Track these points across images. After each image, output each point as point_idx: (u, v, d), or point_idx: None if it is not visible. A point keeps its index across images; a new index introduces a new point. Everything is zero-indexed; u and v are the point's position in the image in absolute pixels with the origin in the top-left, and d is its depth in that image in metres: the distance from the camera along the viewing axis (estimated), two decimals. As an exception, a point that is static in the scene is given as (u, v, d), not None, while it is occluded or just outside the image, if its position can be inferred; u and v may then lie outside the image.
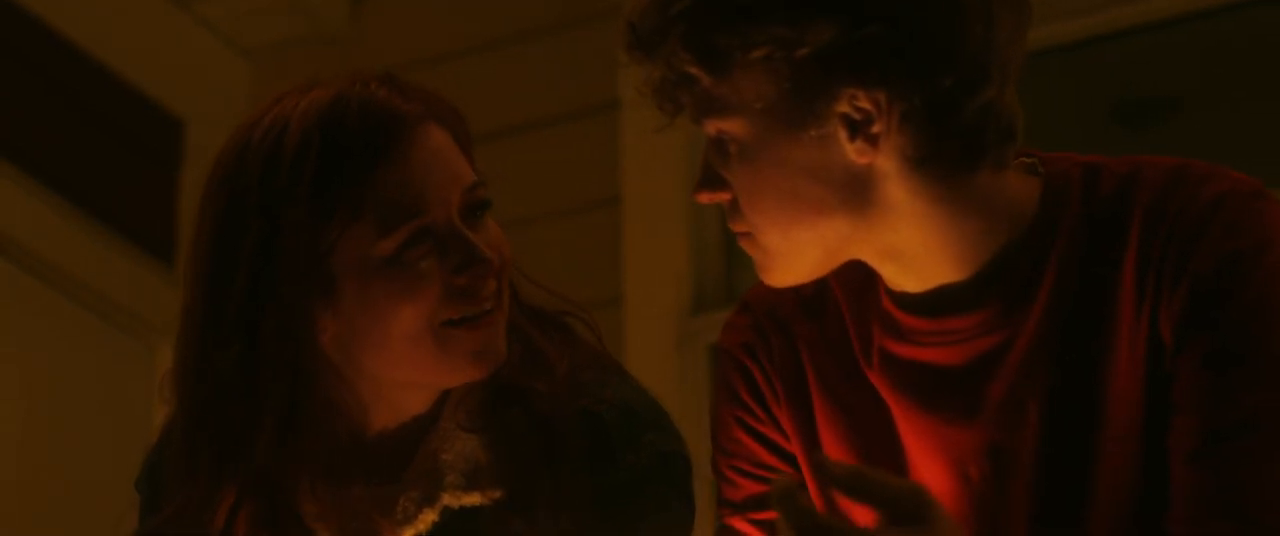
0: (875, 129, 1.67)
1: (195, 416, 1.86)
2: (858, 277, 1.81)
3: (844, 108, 1.67)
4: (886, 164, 1.69)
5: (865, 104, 1.66)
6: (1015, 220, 1.74)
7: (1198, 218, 1.68)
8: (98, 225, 4.02)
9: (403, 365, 1.86)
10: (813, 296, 1.84)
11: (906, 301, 1.77)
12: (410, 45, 4.15)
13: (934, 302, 1.75)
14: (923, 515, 1.47)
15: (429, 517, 1.88)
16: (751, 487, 1.85)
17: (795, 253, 1.73)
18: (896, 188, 1.70)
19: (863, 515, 1.56)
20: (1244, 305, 1.65)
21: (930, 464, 1.76)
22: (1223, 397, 1.64)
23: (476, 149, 1.94)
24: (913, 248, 1.73)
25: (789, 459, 1.83)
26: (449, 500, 1.88)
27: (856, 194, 1.70)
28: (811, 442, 1.82)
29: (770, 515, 1.79)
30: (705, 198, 1.75)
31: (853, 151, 1.68)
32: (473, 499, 1.87)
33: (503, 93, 4.07)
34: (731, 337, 1.88)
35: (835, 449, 1.81)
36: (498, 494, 1.86)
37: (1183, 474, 1.65)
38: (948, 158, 1.69)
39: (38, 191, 3.91)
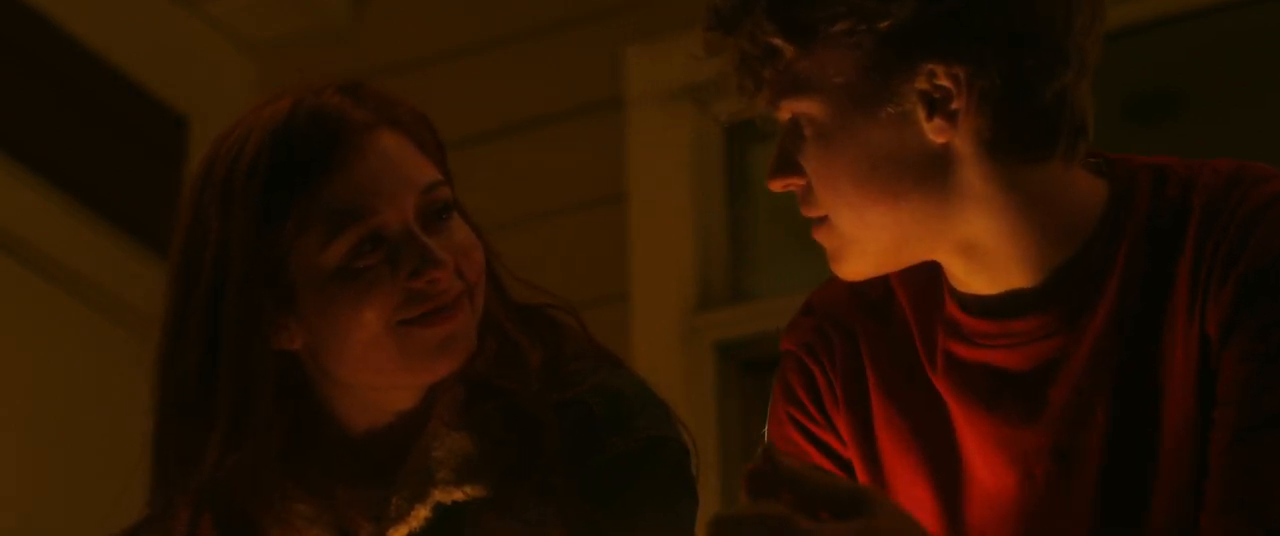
0: (954, 106, 1.68)
1: (159, 425, 1.90)
2: (922, 281, 1.81)
3: (923, 84, 1.68)
4: (963, 146, 1.70)
5: (944, 81, 1.68)
6: (1083, 221, 1.74)
7: (1251, 216, 1.69)
8: (101, 221, 4.02)
9: (367, 369, 1.88)
10: (877, 299, 1.84)
11: (971, 304, 1.77)
12: (414, 41, 4.15)
13: (999, 305, 1.76)
14: (862, 510, 1.47)
15: (422, 514, 1.89)
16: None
17: (869, 238, 1.73)
18: (971, 172, 1.71)
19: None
20: None
21: (992, 465, 1.76)
22: (1259, 392, 1.64)
23: (481, 146, 1.94)
24: (985, 241, 1.73)
25: (844, 464, 1.84)
26: (441, 496, 1.88)
27: (932, 177, 1.70)
28: (868, 446, 1.82)
29: None
30: (779, 185, 1.75)
31: (931, 130, 1.69)
32: (463, 494, 1.87)
33: (508, 89, 4.06)
34: (794, 338, 1.88)
35: (894, 452, 1.81)
36: (486, 489, 1.87)
37: (1215, 466, 1.65)
38: (1023, 142, 1.70)
39: (41, 188, 3.91)
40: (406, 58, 4.05)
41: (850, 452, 1.84)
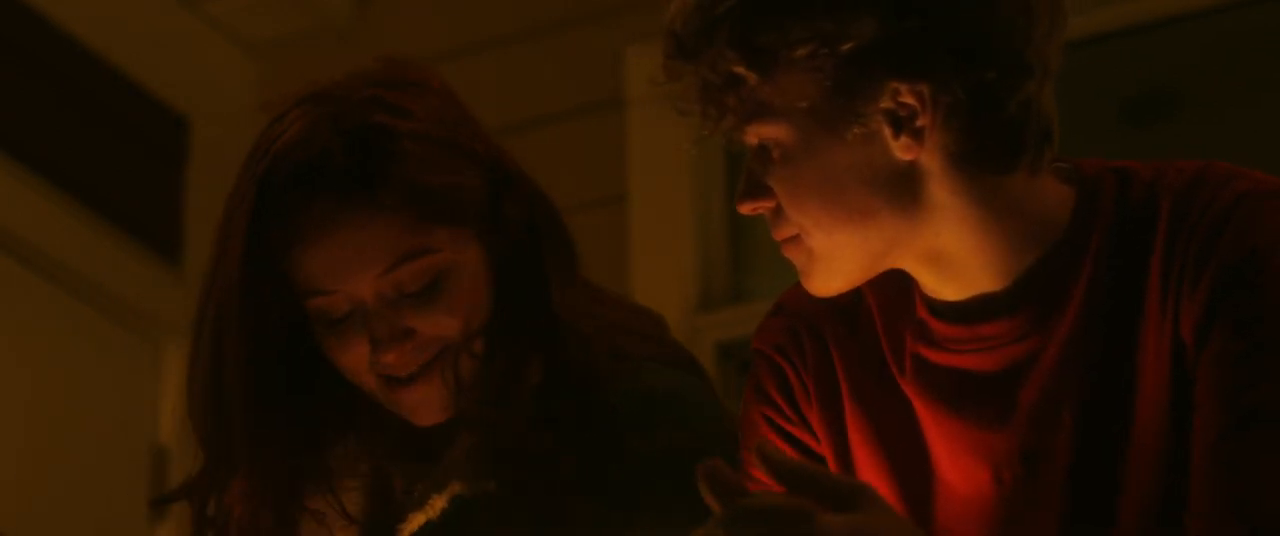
0: (920, 123, 1.68)
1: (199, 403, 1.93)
2: (892, 285, 1.81)
3: (887, 103, 1.68)
4: (930, 162, 1.70)
5: (908, 98, 1.67)
6: (1051, 226, 1.74)
7: (1219, 216, 1.69)
8: (102, 222, 4.02)
9: (369, 393, 1.92)
10: (847, 303, 1.84)
11: (941, 309, 1.77)
12: (416, 41, 4.14)
13: (968, 310, 1.76)
14: (860, 505, 1.46)
15: (439, 504, 1.90)
16: (776, 489, 1.85)
17: (840, 255, 1.73)
18: (939, 186, 1.71)
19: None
20: (1262, 300, 1.65)
21: (961, 468, 1.77)
22: (1241, 388, 1.64)
23: (480, 146, 1.95)
24: (953, 251, 1.73)
25: (819, 460, 1.83)
26: (459, 488, 1.89)
27: (900, 194, 1.70)
28: (841, 445, 1.82)
29: None
30: (748, 208, 1.75)
31: (898, 148, 1.69)
32: (482, 487, 1.88)
33: (509, 89, 4.06)
34: (765, 338, 1.88)
35: (864, 453, 1.81)
36: (503, 485, 1.88)
37: (1198, 469, 1.65)
38: (990, 154, 1.70)
39: (41, 188, 3.91)
40: (407, 57, 4.04)
41: (824, 448, 1.84)
